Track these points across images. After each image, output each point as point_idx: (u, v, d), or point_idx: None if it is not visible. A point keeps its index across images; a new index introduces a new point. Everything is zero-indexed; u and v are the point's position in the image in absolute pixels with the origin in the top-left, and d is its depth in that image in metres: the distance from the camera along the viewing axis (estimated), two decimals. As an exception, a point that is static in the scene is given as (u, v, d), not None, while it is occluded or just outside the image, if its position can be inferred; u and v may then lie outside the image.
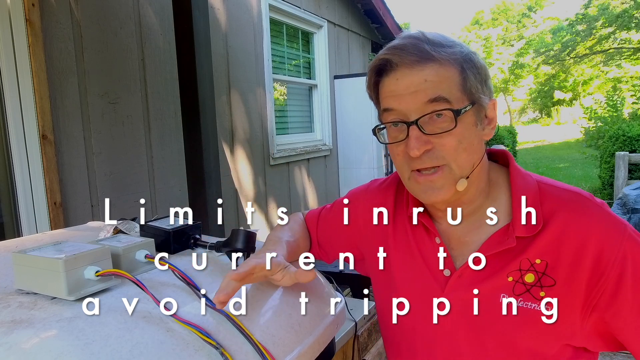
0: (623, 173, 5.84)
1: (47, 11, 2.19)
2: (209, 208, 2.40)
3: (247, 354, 0.63)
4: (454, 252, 0.82)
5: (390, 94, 0.76)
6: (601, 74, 22.88)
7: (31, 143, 2.15)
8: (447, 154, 0.74)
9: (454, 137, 0.73)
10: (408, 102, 0.74)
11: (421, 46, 0.73)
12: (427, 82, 0.73)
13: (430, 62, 0.73)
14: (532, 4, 28.01)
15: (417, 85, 0.73)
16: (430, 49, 0.73)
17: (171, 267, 0.74)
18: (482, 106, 0.77)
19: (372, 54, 6.37)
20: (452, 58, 0.74)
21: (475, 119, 0.76)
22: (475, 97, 0.75)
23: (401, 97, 0.74)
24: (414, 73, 0.73)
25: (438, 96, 0.72)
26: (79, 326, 0.59)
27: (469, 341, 0.78)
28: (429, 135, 0.73)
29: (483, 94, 0.76)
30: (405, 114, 0.74)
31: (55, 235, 1.10)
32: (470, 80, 0.74)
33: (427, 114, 0.73)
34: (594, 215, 0.75)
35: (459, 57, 0.74)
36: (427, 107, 0.73)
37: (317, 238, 1.02)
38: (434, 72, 0.73)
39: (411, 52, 0.73)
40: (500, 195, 0.82)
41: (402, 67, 0.74)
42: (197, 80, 2.30)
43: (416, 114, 0.73)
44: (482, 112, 0.77)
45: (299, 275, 0.74)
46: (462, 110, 0.73)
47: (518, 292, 0.75)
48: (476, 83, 0.75)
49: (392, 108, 0.76)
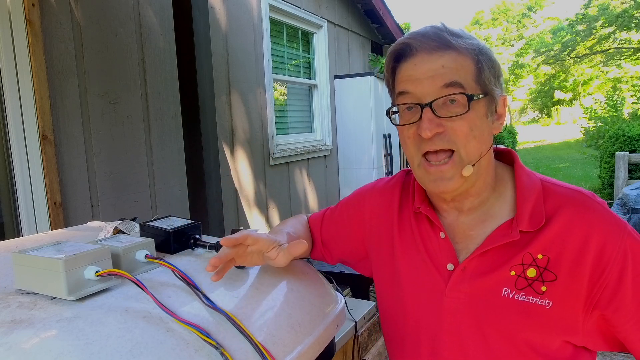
0: (623, 173, 5.83)
1: (47, 11, 2.19)
2: (209, 208, 2.40)
3: (247, 354, 0.63)
4: (458, 246, 0.83)
5: (407, 78, 0.78)
6: (601, 74, 22.88)
7: (31, 143, 2.15)
8: (458, 138, 0.75)
9: (466, 123, 0.75)
10: (425, 86, 0.75)
11: (441, 34, 0.76)
12: (445, 68, 0.75)
13: (449, 50, 0.75)
14: (532, 4, 27.99)
15: (435, 71, 0.75)
16: (450, 37, 0.75)
17: (171, 267, 0.74)
18: (494, 98, 0.79)
19: (372, 54, 6.36)
20: (469, 49, 0.76)
21: (486, 110, 0.78)
22: (488, 89, 0.77)
23: (418, 81, 0.76)
24: (432, 59, 0.75)
25: (454, 81, 0.74)
26: (79, 326, 0.59)
27: (472, 334, 0.79)
28: (441, 118, 0.75)
29: (495, 87, 0.78)
30: (419, 97, 0.76)
31: (55, 235, 1.10)
32: (484, 72, 0.76)
33: (441, 97, 0.75)
34: (596, 213, 0.76)
35: (476, 49, 0.76)
36: (442, 91, 0.75)
37: (322, 237, 1.03)
38: (451, 59, 0.75)
39: (432, 39, 0.76)
40: (506, 191, 0.83)
41: (421, 52, 0.76)
42: (197, 80, 2.30)
43: (430, 97, 0.75)
44: (494, 105, 0.79)
45: (291, 248, 0.77)
46: (475, 96, 0.75)
47: (520, 286, 0.76)
48: (490, 75, 0.77)
49: (408, 91, 0.77)
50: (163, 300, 0.67)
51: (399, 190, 0.95)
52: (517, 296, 0.76)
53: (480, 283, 0.78)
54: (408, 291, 0.87)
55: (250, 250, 0.78)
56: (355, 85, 5.21)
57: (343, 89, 5.27)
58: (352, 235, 0.99)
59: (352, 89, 5.24)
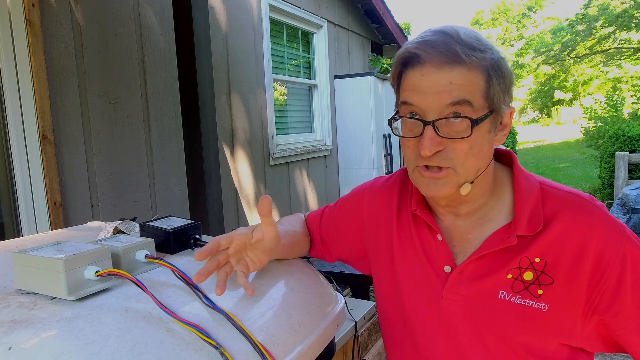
0: (623, 173, 5.83)
1: (47, 11, 2.19)
2: (209, 208, 2.40)
3: (247, 354, 0.63)
4: (456, 249, 0.83)
5: (412, 88, 0.74)
6: (601, 74, 22.87)
7: (31, 143, 2.15)
8: (456, 157, 0.73)
9: (467, 143, 0.73)
10: (430, 101, 0.72)
11: (452, 46, 0.71)
12: (453, 84, 0.71)
13: (458, 66, 0.71)
14: (532, 4, 27.98)
15: (443, 87, 0.71)
16: (461, 51, 0.70)
17: (171, 267, 0.74)
18: (500, 114, 0.76)
19: (372, 54, 6.36)
20: (481, 64, 0.72)
21: (490, 126, 0.75)
22: (495, 106, 0.74)
23: (424, 94, 0.73)
24: (441, 74, 0.71)
25: (462, 99, 0.71)
26: (79, 326, 0.59)
27: (468, 336, 0.79)
28: (442, 137, 0.73)
29: (504, 103, 0.75)
30: (424, 111, 0.73)
31: (55, 235, 1.10)
32: (494, 88, 0.73)
33: (445, 117, 0.72)
34: (594, 217, 0.75)
35: (488, 64, 0.72)
36: (447, 109, 0.72)
37: (320, 235, 1.03)
38: (461, 75, 0.71)
39: (441, 52, 0.71)
40: (504, 194, 0.82)
41: (429, 65, 0.72)
42: (197, 80, 2.30)
43: (435, 115, 0.72)
44: (499, 120, 0.77)
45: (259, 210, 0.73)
46: (479, 120, 0.72)
47: (516, 289, 0.76)
48: (499, 92, 0.74)
49: (412, 103, 0.74)
50: (163, 300, 0.66)
51: (397, 190, 0.94)
52: (513, 299, 0.76)
53: (477, 286, 0.78)
54: (406, 292, 0.87)
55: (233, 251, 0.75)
56: (355, 85, 5.21)
57: (343, 89, 5.27)
58: (351, 234, 0.99)
59: (352, 89, 5.24)
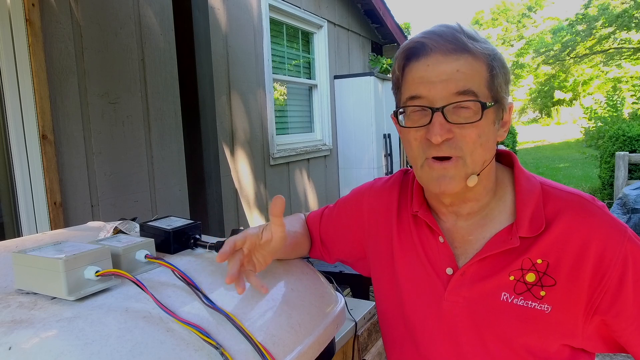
0: (623, 173, 5.83)
1: (47, 11, 2.19)
2: (209, 208, 2.40)
3: (247, 354, 0.63)
4: (457, 251, 0.82)
5: (419, 80, 0.75)
6: (601, 74, 22.88)
7: (31, 143, 2.15)
8: (466, 145, 0.74)
9: (476, 130, 0.73)
10: (438, 89, 0.73)
11: (458, 36, 0.73)
12: (459, 72, 0.72)
13: (465, 54, 0.73)
14: (532, 4, 27.99)
15: (450, 74, 0.72)
16: (466, 40, 0.73)
17: (171, 267, 0.74)
18: (502, 106, 0.77)
19: (372, 54, 6.36)
20: (485, 53, 0.74)
21: (494, 118, 0.76)
22: (499, 96, 0.76)
23: (431, 84, 0.73)
24: (447, 61, 0.73)
25: (467, 89, 0.72)
26: (79, 326, 0.59)
27: (470, 338, 0.79)
28: (452, 124, 0.73)
29: (505, 95, 0.77)
30: (431, 100, 0.74)
31: (55, 235, 1.10)
32: (497, 79, 0.75)
33: (453, 102, 0.73)
34: (596, 217, 0.75)
35: (490, 54, 0.74)
36: (455, 97, 0.73)
37: (320, 235, 1.03)
38: (467, 64, 0.73)
39: (448, 40, 0.73)
40: (505, 195, 0.82)
41: (436, 53, 0.73)
42: (197, 80, 2.30)
43: (443, 102, 0.73)
44: (501, 113, 0.78)
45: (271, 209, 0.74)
46: (488, 104, 0.73)
47: (519, 290, 0.76)
48: (502, 82, 0.75)
49: (420, 95, 0.75)
50: (163, 300, 0.67)
51: (397, 191, 0.94)
52: (515, 301, 0.76)
53: (479, 288, 0.78)
54: (407, 294, 0.86)
55: (247, 251, 0.76)
56: (355, 85, 5.21)
57: (343, 89, 5.27)
58: (350, 235, 0.99)
59: (352, 89, 5.24)
